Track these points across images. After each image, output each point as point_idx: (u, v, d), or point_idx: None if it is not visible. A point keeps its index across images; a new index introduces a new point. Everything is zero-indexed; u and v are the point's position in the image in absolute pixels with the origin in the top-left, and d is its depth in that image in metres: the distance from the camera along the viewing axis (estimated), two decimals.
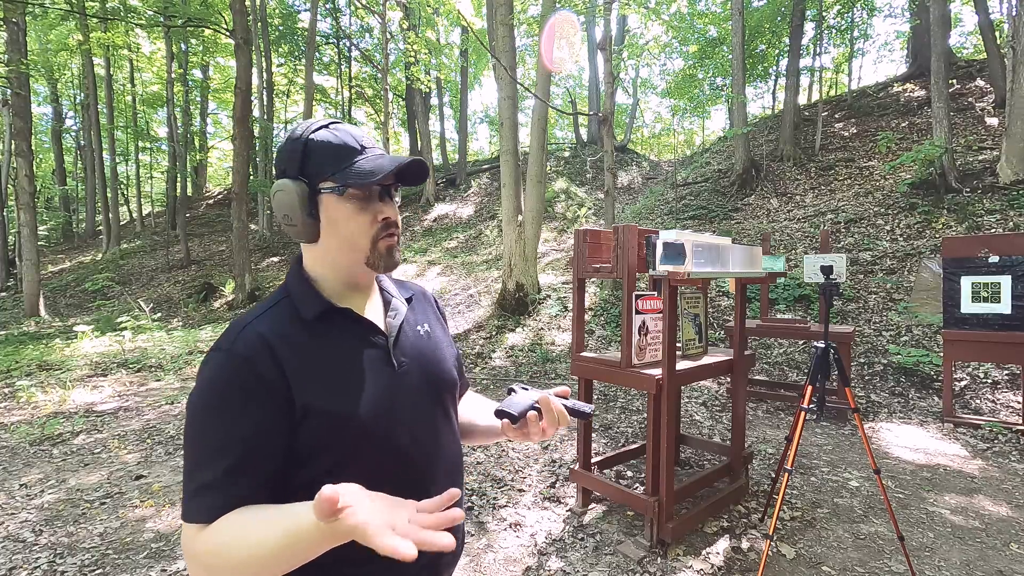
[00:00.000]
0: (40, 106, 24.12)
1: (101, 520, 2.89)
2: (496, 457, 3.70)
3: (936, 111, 7.93)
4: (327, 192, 0.78)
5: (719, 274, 2.63)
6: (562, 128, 25.47)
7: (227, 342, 0.73)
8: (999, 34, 11.19)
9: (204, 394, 0.71)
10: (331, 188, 0.77)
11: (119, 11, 14.34)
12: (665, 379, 2.47)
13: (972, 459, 3.71)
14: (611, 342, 6.87)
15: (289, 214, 0.78)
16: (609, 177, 8.24)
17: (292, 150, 0.78)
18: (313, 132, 0.79)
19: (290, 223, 0.79)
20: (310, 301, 0.79)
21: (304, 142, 0.78)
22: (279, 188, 0.78)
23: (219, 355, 0.72)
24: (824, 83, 16.72)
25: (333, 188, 0.77)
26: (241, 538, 0.63)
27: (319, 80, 20.05)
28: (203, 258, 16.10)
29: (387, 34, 13.33)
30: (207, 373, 0.72)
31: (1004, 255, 4.24)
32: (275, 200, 0.79)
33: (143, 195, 23.42)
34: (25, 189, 11.20)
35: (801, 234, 8.37)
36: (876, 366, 5.43)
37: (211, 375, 0.71)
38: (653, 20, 11.59)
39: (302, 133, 0.79)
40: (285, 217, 0.78)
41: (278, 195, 0.78)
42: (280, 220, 0.79)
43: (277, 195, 0.78)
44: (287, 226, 0.79)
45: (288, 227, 0.79)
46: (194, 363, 6.86)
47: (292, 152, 0.78)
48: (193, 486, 0.68)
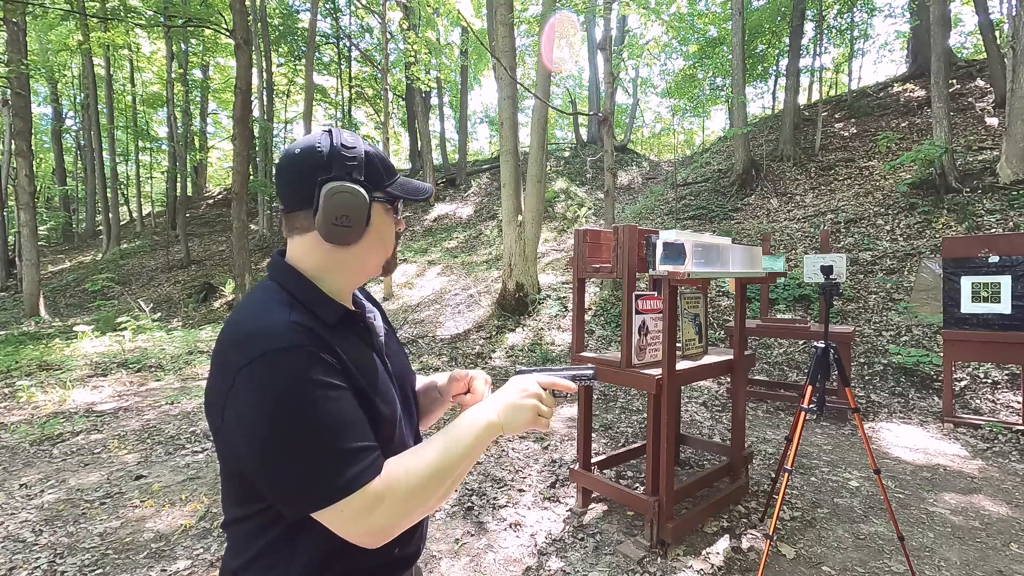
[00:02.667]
0: (40, 106, 24.15)
1: (101, 520, 2.89)
2: (496, 457, 3.70)
3: (936, 111, 7.93)
4: (378, 200, 0.82)
5: (719, 274, 2.63)
6: (562, 128, 25.47)
7: (280, 341, 0.70)
8: (999, 34, 11.20)
9: (289, 394, 0.68)
10: (382, 198, 0.82)
11: (119, 11, 14.34)
12: (665, 379, 2.47)
13: (972, 459, 3.71)
14: (611, 342, 6.88)
15: (349, 215, 0.77)
16: (609, 177, 8.24)
17: (353, 156, 0.79)
18: (364, 144, 0.82)
19: (345, 223, 0.77)
20: (327, 305, 0.79)
21: (364, 151, 0.80)
22: (342, 189, 0.76)
23: (281, 358, 0.68)
24: (824, 83, 16.73)
25: (384, 198, 0.82)
26: (424, 460, 0.74)
27: (319, 80, 20.06)
28: (203, 258, 16.11)
29: (387, 34, 13.33)
30: (280, 377, 0.68)
31: (1004, 255, 4.24)
32: (334, 200, 0.76)
33: (143, 195, 23.43)
34: (25, 189, 11.21)
35: (801, 234, 8.37)
36: (876, 366, 5.43)
37: (288, 376, 0.68)
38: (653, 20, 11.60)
39: (355, 143, 0.80)
40: (343, 218, 0.76)
41: (341, 196, 0.76)
42: (331, 219, 0.76)
43: (339, 196, 0.76)
44: (339, 226, 0.77)
45: (339, 227, 0.77)
46: (194, 363, 6.86)
47: (352, 158, 0.79)
48: (333, 465, 0.68)
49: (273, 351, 0.69)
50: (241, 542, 0.77)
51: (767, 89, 17.75)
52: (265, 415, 0.67)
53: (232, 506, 0.77)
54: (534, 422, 0.83)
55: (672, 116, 18.99)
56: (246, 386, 0.68)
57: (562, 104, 22.05)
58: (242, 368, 0.68)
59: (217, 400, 0.71)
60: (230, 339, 0.73)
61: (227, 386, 0.69)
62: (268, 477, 0.69)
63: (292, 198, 0.79)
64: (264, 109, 17.90)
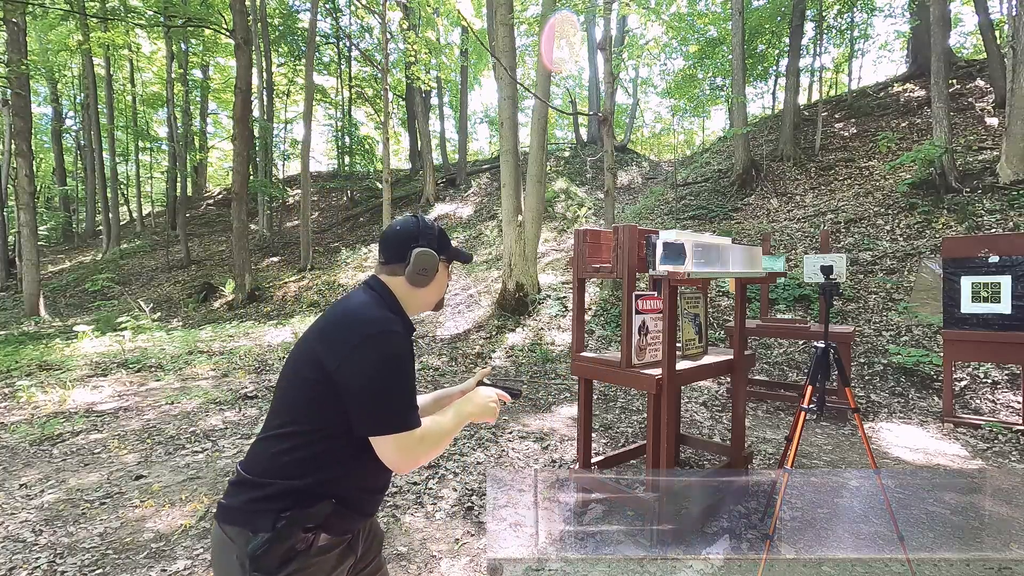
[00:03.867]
0: (40, 106, 24.16)
1: (101, 520, 2.89)
2: (496, 457, 3.70)
3: (936, 111, 7.93)
4: (442, 260, 1.26)
5: (719, 274, 2.63)
6: (562, 128, 25.46)
7: (389, 324, 1.10)
8: (999, 34, 11.20)
9: (396, 359, 1.08)
10: (445, 259, 1.27)
11: (119, 11, 14.36)
12: (665, 379, 2.47)
13: (972, 459, 3.71)
14: (611, 342, 6.88)
15: (427, 268, 1.20)
16: (609, 177, 8.24)
17: (430, 232, 1.23)
18: (438, 225, 1.27)
19: (424, 274, 1.20)
20: (407, 318, 1.23)
21: (438, 230, 1.26)
22: (426, 253, 1.19)
23: (394, 336, 1.09)
24: (824, 83, 16.72)
25: (445, 259, 1.28)
26: (439, 424, 1.17)
27: (319, 80, 20.04)
28: (203, 258, 16.11)
29: (387, 34, 13.33)
30: (391, 347, 1.08)
31: (1004, 255, 4.24)
32: (420, 258, 1.19)
33: (143, 195, 23.43)
34: (25, 189, 11.21)
35: (801, 234, 8.37)
36: (876, 366, 5.43)
37: (396, 348, 1.08)
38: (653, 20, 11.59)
39: (434, 224, 1.26)
40: (423, 270, 1.19)
41: (424, 256, 1.19)
42: (416, 271, 1.19)
43: (423, 256, 1.19)
44: (420, 275, 1.20)
45: (420, 275, 1.20)
46: (194, 363, 6.86)
47: (430, 233, 1.23)
48: (407, 410, 1.09)
49: (389, 331, 1.09)
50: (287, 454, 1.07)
51: (767, 89, 17.76)
52: (380, 368, 1.05)
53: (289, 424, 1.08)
54: (490, 414, 1.29)
55: (672, 116, 18.97)
56: (369, 348, 1.05)
57: (562, 104, 22.05)
58: (367, 336, 1.06)
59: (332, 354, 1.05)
60: (350, 320, 1.10)
61: (349, 347, 1.05)
62: (369, 407, 1.05)
63: (393, 255, 1.21)
64: (264, 109, 17.89)
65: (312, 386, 1.06)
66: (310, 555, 1.04)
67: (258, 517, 1.02)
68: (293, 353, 1.15)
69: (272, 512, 1.01)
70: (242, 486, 1.07)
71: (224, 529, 1.05)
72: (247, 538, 1.01)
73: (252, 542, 1.00)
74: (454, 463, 3.58)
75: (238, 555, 1.01)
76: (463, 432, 4.18)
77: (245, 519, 1.03)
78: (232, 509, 1.06)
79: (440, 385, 5.76)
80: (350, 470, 1.10)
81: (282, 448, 1.06)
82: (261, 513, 1.02)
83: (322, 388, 1.05)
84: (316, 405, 1.06)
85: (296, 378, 1.10)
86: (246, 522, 1.03)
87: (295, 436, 1.06)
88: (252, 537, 1.01)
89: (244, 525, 1.03)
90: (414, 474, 3.41)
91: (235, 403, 5.12)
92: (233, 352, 7.31)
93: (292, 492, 1.04)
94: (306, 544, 1.03)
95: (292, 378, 1.11)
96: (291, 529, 1.01)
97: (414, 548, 2.57)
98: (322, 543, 1.06)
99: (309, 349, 1.11)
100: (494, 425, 4.32)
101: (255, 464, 1.08)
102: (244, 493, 1.06)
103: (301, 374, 1.09)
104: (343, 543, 1.12)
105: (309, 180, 14.45)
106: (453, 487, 3.22)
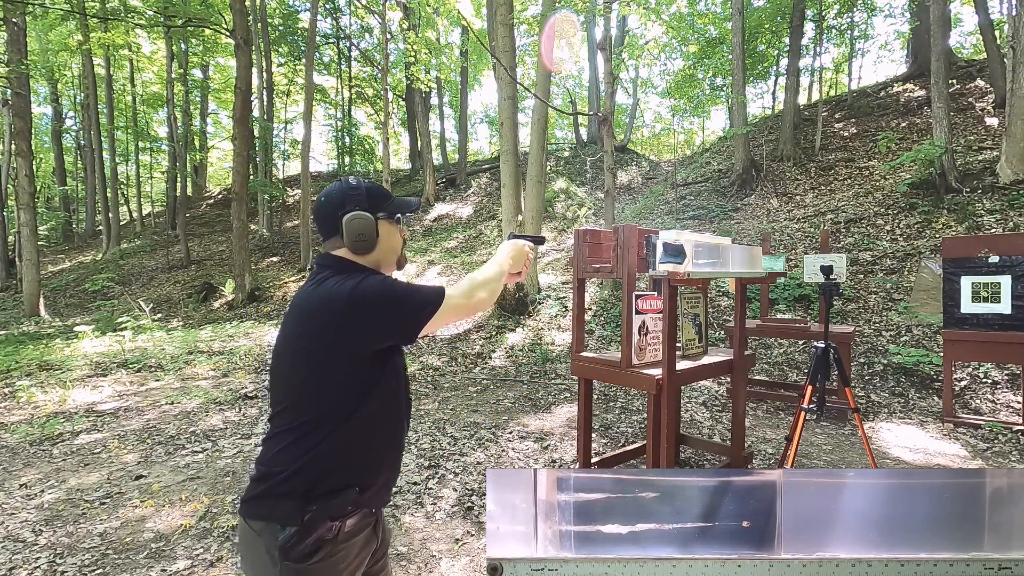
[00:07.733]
0: (40, 106, 24.11)
1: (101, 520, 2.90)
2: (496, 457, 3.70)
3: (936, 111, 7.93)
4: (382, 219, 1.19)
5: (719, 274, 2.63)
6: (562, 128, 25.44)
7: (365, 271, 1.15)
8: (999, 34, 11.18)
9: (391, 279, 1.14)
10: (384, 216, 1.20)
11: (119, 11, 14.34)
12: (665, 379, 2.47)
13: (972, 459, 3.71)
14: (611, 342, 6.88)
15: (363, 234, 1.15)
16: (609, 177, 8.24)
17: (356, 194, 1.17)
18: (364, 182, 1.20)
19: (363, 239, 1.15)
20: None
21: (365, 187, 1.19)
22: (355, 217, 1.14)
23: (377, 274, 1.14)
24: (824, 83, 16.73)
25: (386, 216, 1.20)
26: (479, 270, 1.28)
27: (319, 80, 20.03)
28: (203, 258, 16.10)
29: (387, 34, 13.34)
30: (383, 281, 1.11)
31: (1004, 255, 4.24)
32: (351, 225, 1.14)
33: (143, 195, 23.40)
34: (25, 189, 11.20)
35: (801, 234, 8.37)
36: (876, 366, 5.43)
37: (386, 279, 1.13)
38: (653, 20, 11.59)
39: (358, 183, 1.19)
40: (360, 236, 1.14)
41: (356, 222, 1.14)
42: (353, 239, 1.14)
43: (355, 222, 1.14)
44: (359, 242, 1.15)
45: (359, 243, 1.15)
46: (194, 363, 6.86)
47: (356, 195, 1.17)
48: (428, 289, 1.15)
49: (369, 273, 1.13)
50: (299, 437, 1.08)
51: (767, 89, 17.74)
52: (384, 289, 1.10)
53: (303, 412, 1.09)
54: (522, 257, 1.39)
55: (672, 116, 18.94)
56: (365, 287, 1.08)
57: (562, 104, 22.03)
58: (360, 281, 1.08)
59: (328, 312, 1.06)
60: (333, 286, 1.09)
61: (343, 298, 1.06)
62: (401, 314, 1.10)
63: (327, 230, 1.18)
64: (264, 109, 17.87)
65: (313, 369, 1.07)
66: (338, 542, 1.07)
67: (284, 511, 1.04)
68: (280, 352, 1.14)
69: (298, 504, 1.03)
70: (264, 481, 1.08)
71: (250, 524, 1.07)
72: (275, 531, 1.03)
73: (282, 535, 1.02)
74: (454, 463, 3.58)
75: (267, 548, 1.03)
76: (463, 432, 4.18)
77: (271, 513, 1.05)
78: (257, 504, 1.08)
79: (440, 385, 5.76)
80: (366, 453, 1.12)
81: (296, 440, 1.07)
82: (287, 507, 1.04)
83: (325, 368, 1.07)
84: (322, 390, 1.07)
85: (293, 373, 1.10)
86: (273, 516, 1.05)
87: (306, 426, 1.08)
88: (280, 530, 1.03)
89: (271, 519, 1.05)
90: (414, 474, 3.41)
91: (235, 403, 5.13)
92: (233, 352, 7.31)
93: (315, 483, 1.05)
94: (334, 533, 1.06)
95: (289, 374, 1.11)
96: (319, 520, 1.03)
97: (414, 548, 2.57)
98: (348, 529, 1.08)
99: (296, 335, 1.11)
100: (494, 426, 4.31)
101: (274, 459, 1.09)
102: (267, 488, 1.07)
103: (298, 364, 1.09)
104: (368, 527, 1.15)
105: (309, 180, 14.44)
106: (453, 487, 3.22)
